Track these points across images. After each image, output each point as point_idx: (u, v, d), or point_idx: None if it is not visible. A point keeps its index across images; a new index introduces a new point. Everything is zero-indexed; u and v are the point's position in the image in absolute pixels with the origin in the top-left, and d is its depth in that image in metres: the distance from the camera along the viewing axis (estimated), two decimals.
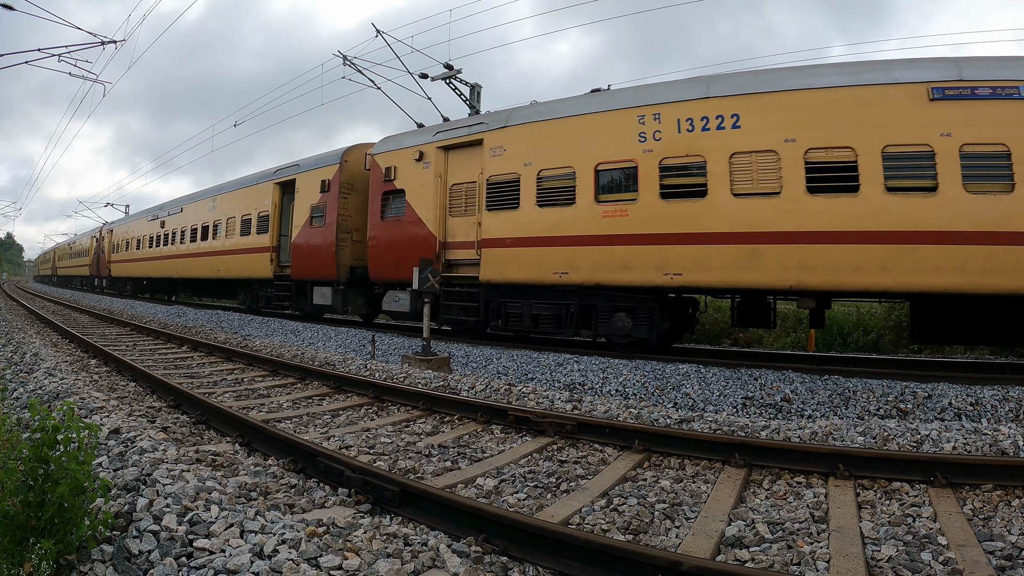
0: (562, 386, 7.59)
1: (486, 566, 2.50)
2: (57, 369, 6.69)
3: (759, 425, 4.80)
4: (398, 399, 5.97)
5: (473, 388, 6.50)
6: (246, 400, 6.07)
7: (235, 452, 4.12)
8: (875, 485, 3.62)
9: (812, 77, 7.67)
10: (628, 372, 7.71)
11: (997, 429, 4.28)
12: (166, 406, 5.55)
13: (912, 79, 7.06)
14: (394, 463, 3.96)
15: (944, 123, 6.83)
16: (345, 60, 15.66)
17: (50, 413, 2.53)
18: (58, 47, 14.57)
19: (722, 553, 2.74)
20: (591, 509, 3.24)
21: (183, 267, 20.80)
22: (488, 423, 5.20)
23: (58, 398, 5.19)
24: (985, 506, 3.28)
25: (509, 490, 3.57)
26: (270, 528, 2.54)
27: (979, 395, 6.10)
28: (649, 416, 5.23)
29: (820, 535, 2.88)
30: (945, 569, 2.49)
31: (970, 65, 6.96)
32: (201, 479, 3.07)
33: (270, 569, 2.17)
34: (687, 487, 3.66)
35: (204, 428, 4.87)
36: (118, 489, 2.90)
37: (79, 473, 2.35)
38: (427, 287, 9.05)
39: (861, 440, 4.33)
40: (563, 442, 4.68)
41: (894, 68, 7.27)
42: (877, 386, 6.64)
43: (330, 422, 5.27)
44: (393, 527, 2.75)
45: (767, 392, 6.80)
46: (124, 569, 2.29)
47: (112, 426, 4.05)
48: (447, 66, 16.40)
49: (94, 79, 16.59)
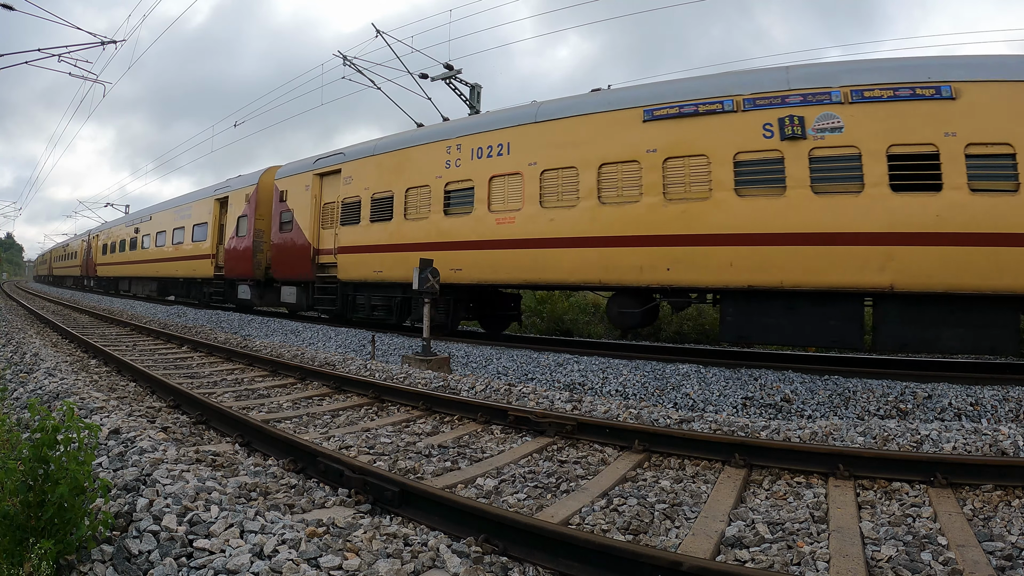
0: (562, 386, 7.59)
1: (486, 566, 2.50)
2: (57, 369, 6.69)
3: (759, 425, 4.80)
4: (398, 399, 5.97)
5: (473, 388, 6.50)
6: (246, 400, 6.07)
7: (235, 452, 4.12)
8: (875, 485, 3.62)
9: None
10: (628, 372, 7.71)
11: (997, 429, 4.28)
12: (166, 406, 5.55)
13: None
14: (394, 463, 3.96)
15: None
16: (345, 60, 15.66)
17: (50, 413, 2.53)
18: (58, 47, 14.59)
19: (722, 553, 2.74)
20: (591, 509, 3.24)
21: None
22: (488, 423, 5.20)
23: (58, 398, 5.19)
24: (985, 506, 3.28)
25: (509, 490, 3.57)
26: (270, 528, 2.54)
27: (979, 395, 6.11)
28: (649, 416, 5.23)
29: (820, 535, 2.88)
30: (945, 569, 2.49)
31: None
32: (201, 479, 3.07)
33: (270, 569, 2.17)
34: (687, 487, 3.66)
35: (204, 428, 4.87)
36: (118, 489, 2.90)
37: (79, 473, 2.35)
38: (427, 287, 9.05)
39: (861, 440, 4.33)
40: (563, 442, 4.67)
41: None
42: (877, 386, 6.64)
43: (330, 422, 5.26)
44: (393, 527, 2.75)
45: (767, 392, 6.80)
46: (124, 569, 2.29)
47: (112, 426, 4.05)
48: (447, 66, 16.40)
49: (94, 79, 16.62)
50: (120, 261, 28.02)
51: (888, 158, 6.92)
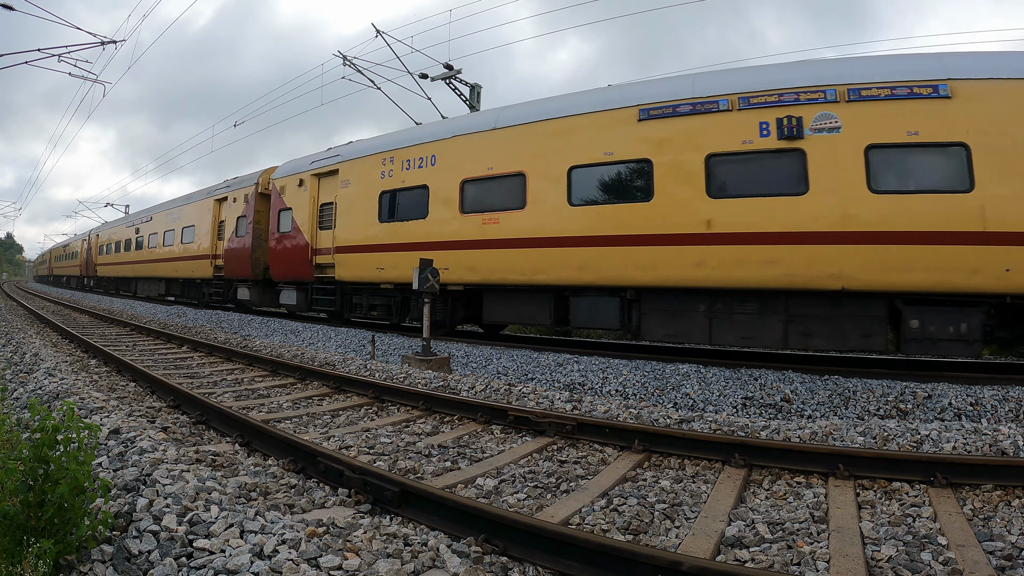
0: (562, 386, 7.59)
1: (486, 566, 2.50)
2: (57, 369, 6.69)
3: (759, 425, 4.80)
4: (398, 399, 5.97)
5: (473, 388, 6.50)
6: (246, 400, 6.07)
7: (235, 452, 4.12)
8: (875, 485, 3.62)
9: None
10: (628, 372, 7.71)
11: (997, 429, 4.28)
12: (166, 406, 5.55)
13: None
14: (394, 463, 3.96)
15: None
16: (345, 60, 15.65)
17: (50, 413, 2.53)
18: (58, 47, 14.58)
19: (722, 553, 2.74)
20: (591, 509, 3.24)
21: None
22: (488, 423, 5.20)
23: (58, 398, 5.19)
24: (985, 506, 3.28)
25: (509, 490, 3.57)
26: (270, 528, 2.54)
27: (979, 395, 6.10)
28: (649, 416, 5.23)
29: (820, 535, 2.88)
30: (945, 569, 2.49)
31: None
32: (201, 479, 3.07)
33: (270, 569, 2.17)
34: (687, 487, 3.66)
35: (204, 428, 4.87)
36: (118, 489, 2.90)
37: (79, 473, 2.35)
38: (427, 287, 9.05)
39: (861, 440, 4.33)
40: (563, 442, 4.67)
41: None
42: (877, 386, 6.64)
43: (330, 422, 5.26)
44: (393, 527, 2.75)
45: (767, 392, 6.80)
46: (124, 569, 2.29)
47: (112, 426, 4.05)
48: (447, 66, 16.39)
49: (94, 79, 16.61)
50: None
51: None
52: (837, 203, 7.05)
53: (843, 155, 7.07)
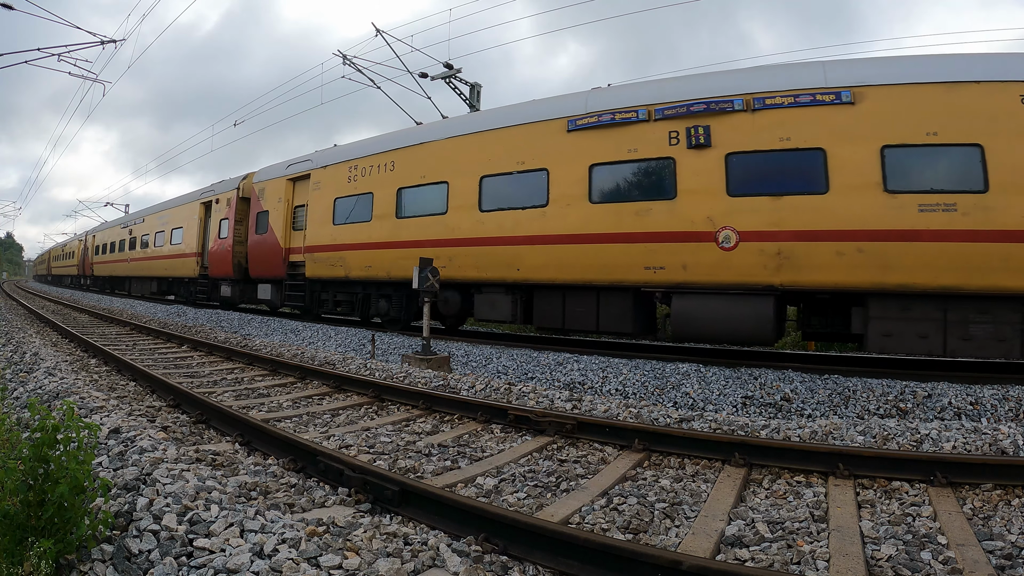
0: (562, 385, 7.59)
1: (486, 565, 2.50)
2: (57, 369, 6.69)
3: (759, 424, 4.80)
4: (398, 398, 5.97)
5: (473, 387, 6.50)
6: (246, 399, 6.07)
7: (235, 451, 4.12)
8: (875, 484, 3.62)
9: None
10: (628, 371, 7.71)
11: (997, 428, 4.28)
12: (166, 405, 5.55)
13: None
14: (394, 462, 3.96)
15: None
16: (345, 59, 15.64)
17: (50, 413, 2.52)
18: (58, 47, 14.58)
19: (722, 552, 2.74)
20: (591, 508, 3.24)
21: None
22: (488, 422, 5.20)
23: (58, 398, 5.18)
24: (985, 505, 3.28)
25: (509, 489, 3.57)
26: (270, 527, 2.54)
27: (979, 394, 6.11)
28: (649, 415, 5.23)
29: (820, 534, 2.88)
30: (945, 568, 2.49)
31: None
32: (201, 478, 3.07)
33: (270, 568, 2.17)
34: (687, 486, 3.66)
35: (204, 427, 4.87)
36: (118, 489, 2.90)
37: (79, 473, 2.34)
38: (427, 287, 9.04)
39: (861, 439, 4.33)
40: (563, 441, 4.68)
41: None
42: (877, 385, 6.64)
43: (330, 421, 5.26)
44: (393, 526, 2.75)
45: (767, 391, 6.80)
46: (124, 569, 2.29)
47: (112, 426, 4.05)
48: (447, 65, 16.38)
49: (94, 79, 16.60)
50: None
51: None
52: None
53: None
